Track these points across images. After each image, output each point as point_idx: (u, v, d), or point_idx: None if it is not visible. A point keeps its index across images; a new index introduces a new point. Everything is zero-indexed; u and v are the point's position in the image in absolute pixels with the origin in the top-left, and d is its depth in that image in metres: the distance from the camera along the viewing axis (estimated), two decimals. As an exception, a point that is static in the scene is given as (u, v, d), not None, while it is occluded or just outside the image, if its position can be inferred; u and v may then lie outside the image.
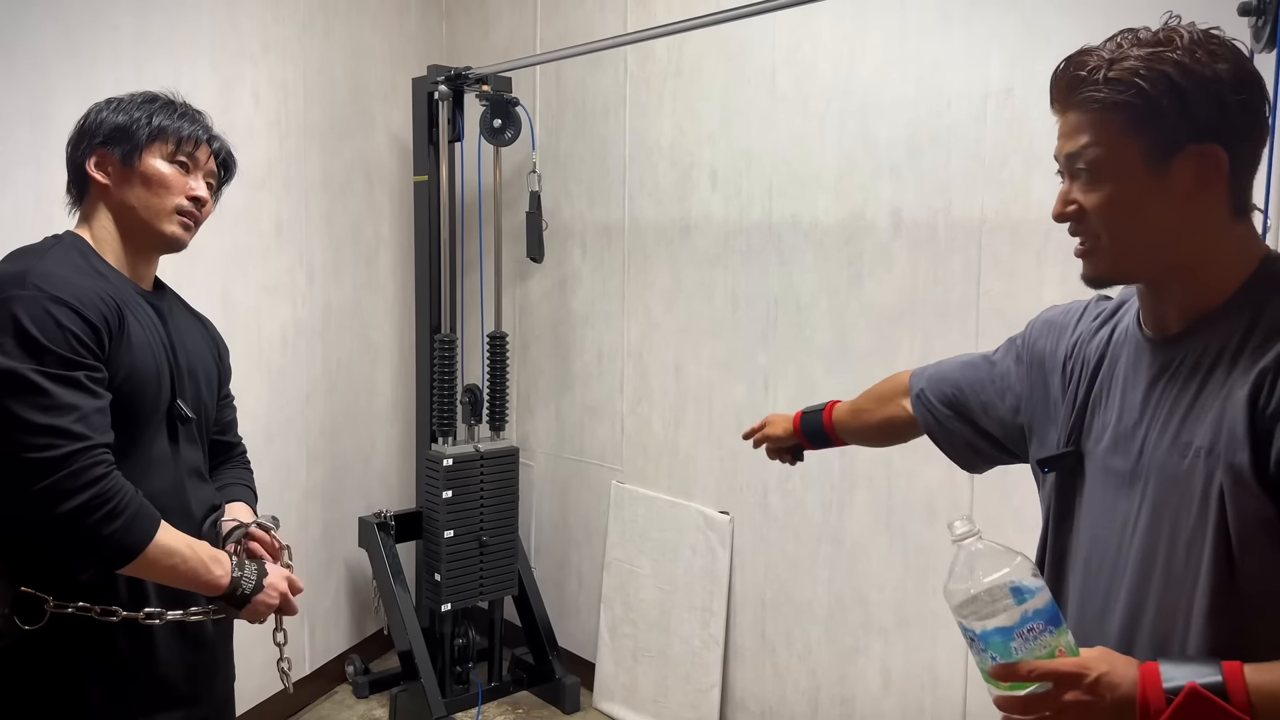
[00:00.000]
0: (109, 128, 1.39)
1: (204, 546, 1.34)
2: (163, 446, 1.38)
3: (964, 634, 0.97)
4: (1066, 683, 0.91)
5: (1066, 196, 1.02)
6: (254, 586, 1.37)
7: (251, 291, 2.84)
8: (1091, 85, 0.97)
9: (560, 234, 3.26)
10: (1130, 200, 0.97)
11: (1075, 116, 1.00)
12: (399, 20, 3.44)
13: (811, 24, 2.49)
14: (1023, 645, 0.92)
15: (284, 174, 2.96)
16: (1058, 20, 2.04)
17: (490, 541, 3.07)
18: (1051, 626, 0.93)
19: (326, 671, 3.24)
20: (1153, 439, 0.99)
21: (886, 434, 1.49)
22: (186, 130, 1.43)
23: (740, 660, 2.77)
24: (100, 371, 1.26)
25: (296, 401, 3.06)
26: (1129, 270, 1.02)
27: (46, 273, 1.27)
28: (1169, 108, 0.94)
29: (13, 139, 2.14)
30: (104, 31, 2.34)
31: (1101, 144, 0.97)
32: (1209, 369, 0.96)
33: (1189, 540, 0.94)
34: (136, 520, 1.24)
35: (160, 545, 1.26)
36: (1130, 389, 1.04)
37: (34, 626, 1.27)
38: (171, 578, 1.30)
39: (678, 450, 2.94)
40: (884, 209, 2.37)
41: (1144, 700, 0.88)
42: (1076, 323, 1.17)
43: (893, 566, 2.41)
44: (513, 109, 3.09)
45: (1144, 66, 0.94)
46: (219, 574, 1.34)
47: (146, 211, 1.40)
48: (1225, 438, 0.91)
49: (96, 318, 1.26)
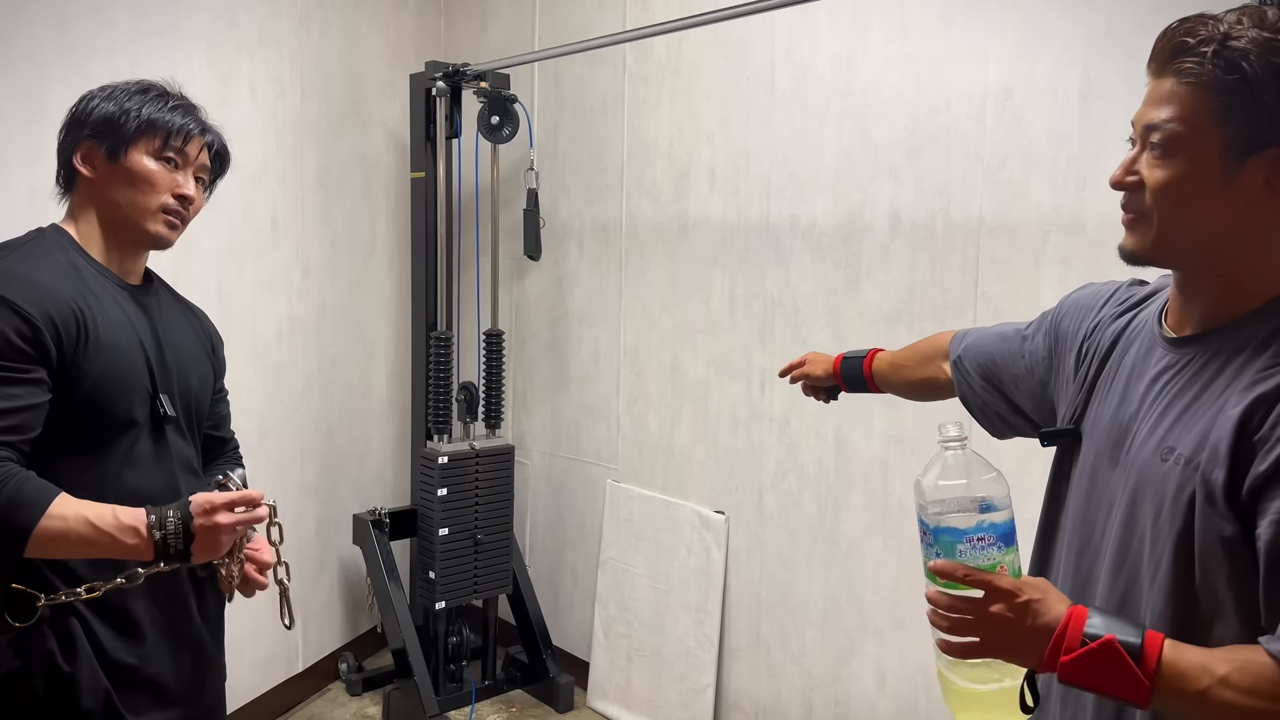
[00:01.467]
0: (98, 118, 1.37)
1: (119, 511, 1.22)
2: (146, 445, 1.36)
3: (919, 525, 1.00)
4: (996, 595, 0.92)
5: (1130, 165, 0.98)
6: (177, 526, 1.21)
7: (247, 287, 2.83)
8: (1195, 56, 0.91)
9: (557, 232, 3.25)
10: (1193, 189, 0.94)
11: (1168, 84, 0.94)
12: (396, 16, 3.43)
13: (811, 23, 2.48)
14: (969, 549, 0.95)
15: (280, 169, 2.95)
16: (1058, 21, 2.04)
17: (485, 540, 3.06)
18: (1002, 544, 0.96)
19: (320, 669, 3.23)
20: (1142, 434, 1.00)
21: (923, 391, 1.51)
22: (177, 123, 1.40)
23: (735, 660, 2.77)
24: (32, 372, 1.23)
25: (291, 398, 3.05)
26: (1168, 256, 0.99)
27: (3, 271, 1.26)
28: (1266, 102, 0.89)
29: (7, 132, 2.13)
30: (100, 25, 2.33)
31: (1185, 122, 0.92)
32: (1211, 377, 0.96)
33: (1154, 538, 0.96)
34: (12, 507, 1.17)
35: (52, 526, 1.17)
36: (1134, 380, 1.04)
37: (26, 624, 1.26)
38: (88, 553, 1.23)
39: (673, 449, 2.94)
40: (882, 209, 2.37)
41: (1061, 634, 0.90)
42: (1102, 306, 1.16)
43: (888, 567, 2.41)
44: (510, 106, 3.08)
45: (1255, 52, 0.89)
46: (135, 542, 1.20)
47: (131, 209, 1.38)
48: (1208, 452, 0.91)
49: (40, 318, 1.23)
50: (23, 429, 1.22)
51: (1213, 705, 0.86)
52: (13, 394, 1.21)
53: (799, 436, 2.58)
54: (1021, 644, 0.92)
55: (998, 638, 0.93)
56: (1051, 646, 0.90)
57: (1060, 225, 2.06)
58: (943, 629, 0.95)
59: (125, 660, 1.34)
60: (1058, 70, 2.04)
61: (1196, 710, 0.87)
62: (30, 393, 1.23)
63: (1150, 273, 1.10)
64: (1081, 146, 2.02)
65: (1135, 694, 0.87)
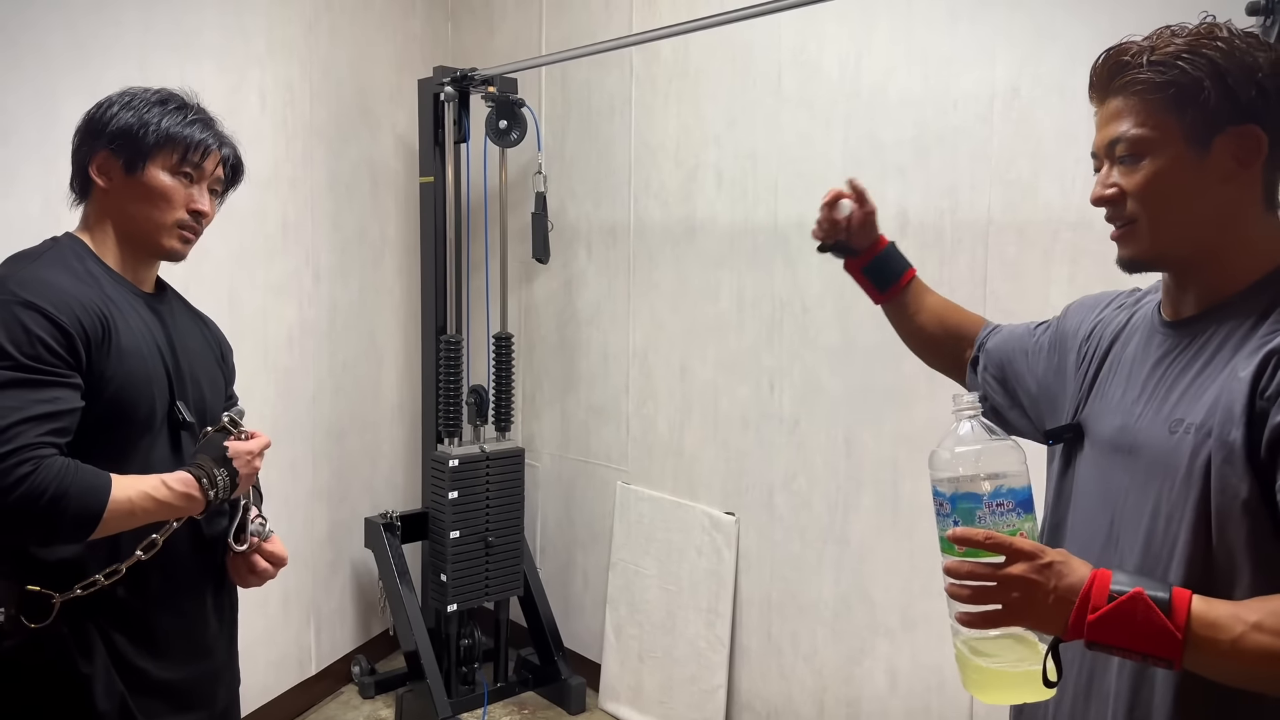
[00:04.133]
0: (116, 128, 1.37)
1: (169, 480, 1.29)
2: (163, 451, 1.37)
3: (934, 496, 0.98)
4: (1018, 556, 0.91)
5: (1106, 180, 1.04)
6: (225, 481, 1.33)
7: (258, 292, 2.85)
8: (1134, 69, 0.99)
9: (566, 235, 3.26)
10: (1170, 179, 0.99)
11: (1116, 102, 1.02)
12: (404, 22, 3.45)
13: (817, 25, 2.49)
14: (988, 515, 0.94)
15: (290, 175, 2.96)
16: (1064, 20, 2.04)
17: (496, 542, 3.07)
18: (1020, 510, 0.95)
19: (332, 672, 3.24)
20: (1149, 415, 1.01)
21: (932, 351, 1.46)
22: (196, 138, 1.40)
23: (746, 661, 2.77)
24: (70, 376, 1.25)
25: (303, 402, 3.07)
26: (1165, 251, 1.02)
27: (27, 278, 1.27)
28: (1210, 87, 0.96)
29: (19, 137, 2.14)
30: (110, 30, 2.35)
31: (1144, 125, 0.99)
32: (1214, 351, 0.98)
33: (1169, 513, 0.96)
34: (81, 495, 1.21)
35: (119, 507, 1.23)
36: (1137, 367, 1.06)
37: (41, 624, 1.27)
38: (145, 522, 1.29)
39: (683, 451, 2.94)
40: (890, 209, 2.37)
41: (1087, 593, 0.89)
42: (1104, 307, 1.19)
43: (899, 567, 2.41)
44: (518, 110, 3.09)
45: (1186, 50, 0.97)
46: (191, 504, 1.30)
47: (147, 224, 1.39)
48: (1221, 414, 0.92)
49: (71, 324, 1.25)
50: (66, 431, 1.24)
51: (1248, 652, 0.85)
52: (56, 396, 1.23)
53: (808, 437, 2.59)
54: (1046, 607, 0.90)
55: (1021, 602, 0.90)
56: (1078, 606, 0.88)
57: (1069, 224, 2.06)
58: (963, 598, 0.93)
59: (141, 665, 1.35)
60: (1065, 69, 2.04)
61: (1231, 661, 0.86)
62: (70, 396, 1.25)
63: (1147, 281, 1.12)
64: (1090, 145, 2.01)
65: (1167, 648, 0.86)
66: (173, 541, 1.35)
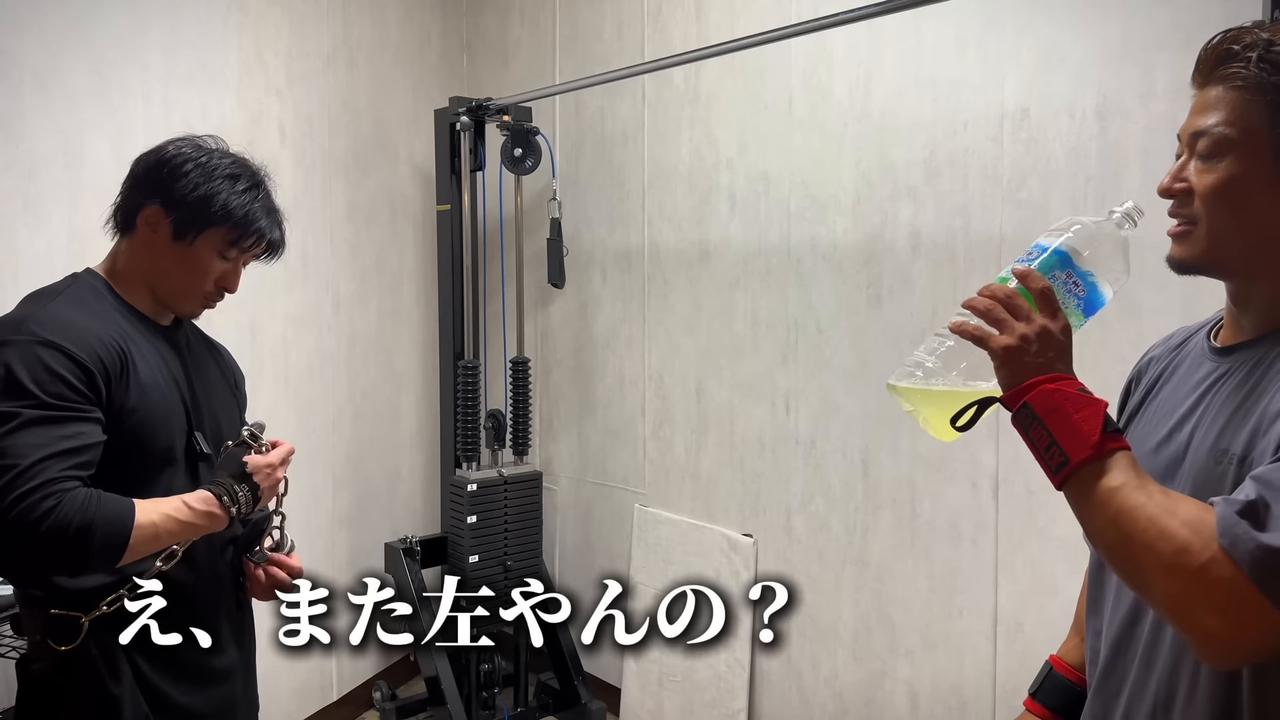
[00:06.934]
0: (182, 192, 1.36)
1: (189, 500, 1.31)
2: (182, 482, 1.39)
3: (1034, 246, 0.99)
4: (1049, 309, 0.93)
5: (1179, 173, 0.98)
6: (248, 496, 1.36)
7: (279, 321, 2.89)
8: (1241, 62, 0.92)
9: (581, 259, 3.29)
10: (1244, 191, 0.93)
11: (1215, 92, 0.95)
12: (421, 54, 3.51)
13: (827, 49, 2.51)
14: (1059, 284, 0.96)
15: (310, 206, 3.01)
16: (1072, 41, 2.05)
17: (514, 566, 3.08)
18: (1083, 307, 0.98)
19: (354, 697, 3.25)
20: (1196, 440, 0.97)
21: None
22: (253, 226, 1.40)
23: (766, 685, 2.76)
24: (92, 412, 1.27)
25: (323, 429, 3.10)
26: (1217, 261, 0.97)
27: (46, 317, 1.29)
28: None
29: (47, 176, 2.19)
30: (135, 70, 2.40)
31: (1234, 125, 0.92)
32: (1261, 377, 0.94)
33: None
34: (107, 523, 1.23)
35: (144, 533, 1.25)
36: (1183, 389, 1.03)
37: (69, 646, 1.29)
38: (172, 542, 1.31)
39: (700, 473, 2.95)
40: (902, 230, 2.38)
41: (1060, 374, 0.91)
42: (1163, 343, 1.16)
43: (918, 588, 2.40)
44: (533, 138, 3.13)
45: None
46: (214, 522, 1.32)
47: (174, 286, 1.41)
48: (1260, 447, 0.89)
49: (91, 360, 1.27)
50: (89, 465, 1.26)
51: (1126, 503, 0.85)
52: (80, 431, 1.25)
53: (825, 458, 2.59)
54: (1021, 361, 0.91)
55: (1009, 344, 0.92)
56: (1046, 374, 0.90)
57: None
58: (979, 310, 0.94)
59: (164, 689, 1.37)
60: (1074, 90, 2.05)
61: (1111, 501, 0.86)
62: (92, 430, 1.27)
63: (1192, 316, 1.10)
64: (1100, 164, 2.03)
65: (1075, 448, 0.87)
66: (190, 563, 1.37)
